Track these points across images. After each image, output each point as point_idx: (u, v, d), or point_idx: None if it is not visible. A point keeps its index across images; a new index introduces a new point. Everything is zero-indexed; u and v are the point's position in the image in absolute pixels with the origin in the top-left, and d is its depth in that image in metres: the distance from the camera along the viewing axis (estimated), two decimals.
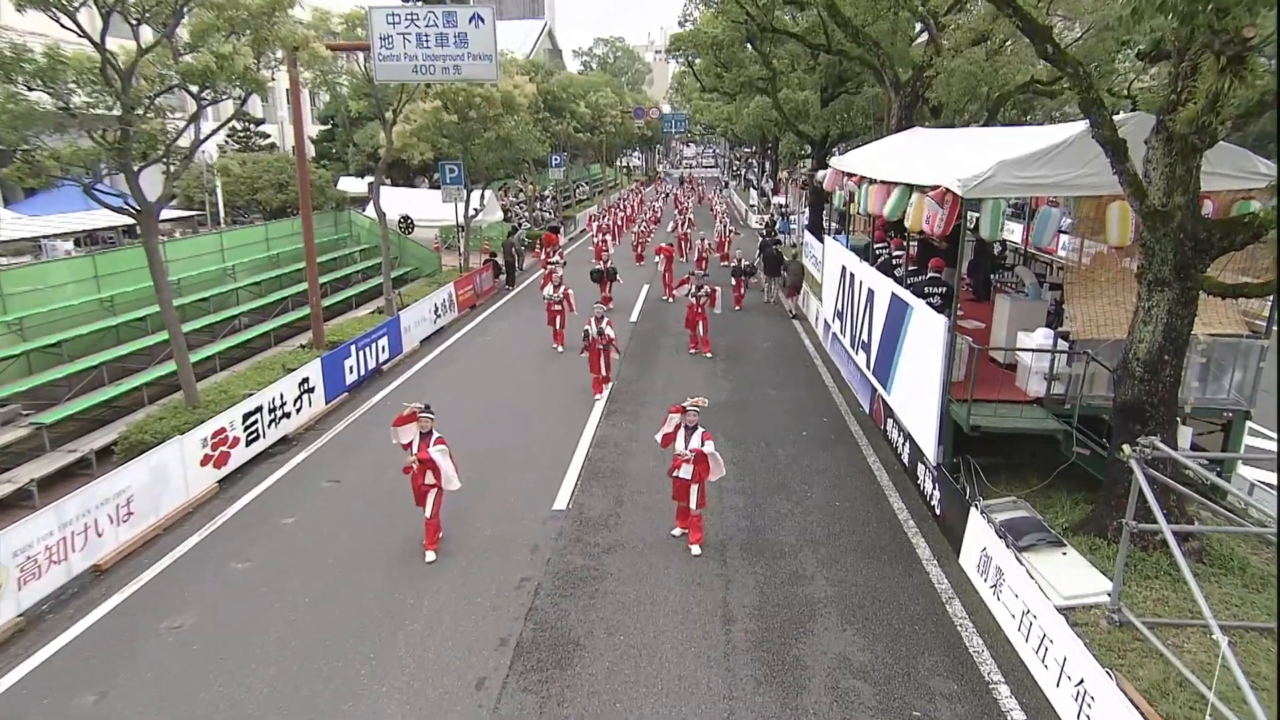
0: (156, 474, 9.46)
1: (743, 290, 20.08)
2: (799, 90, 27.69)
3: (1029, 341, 9.72)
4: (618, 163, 73.33)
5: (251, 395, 11.60)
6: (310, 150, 41.64)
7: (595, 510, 9.79)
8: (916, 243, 13.73)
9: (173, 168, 10.30)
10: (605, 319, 13.17)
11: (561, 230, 35.60)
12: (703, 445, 8.63)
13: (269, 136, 37.21)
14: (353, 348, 14.91)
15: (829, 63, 24.12)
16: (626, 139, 64.98)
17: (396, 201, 26.97)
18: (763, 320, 20.21)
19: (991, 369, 10.34)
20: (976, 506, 8.37)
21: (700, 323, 16.66)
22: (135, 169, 9.84)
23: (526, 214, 34.72)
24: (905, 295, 10.74)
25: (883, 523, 9.53)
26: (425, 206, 26.75)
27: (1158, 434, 6.81)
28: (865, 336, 12.74)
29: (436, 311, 19.43)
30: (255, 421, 11.51)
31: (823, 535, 9.25)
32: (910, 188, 10.54)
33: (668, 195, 51.74)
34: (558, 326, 17.27)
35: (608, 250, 27.18)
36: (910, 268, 12.22)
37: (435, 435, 8.79)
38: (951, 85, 14.41)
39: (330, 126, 39.31)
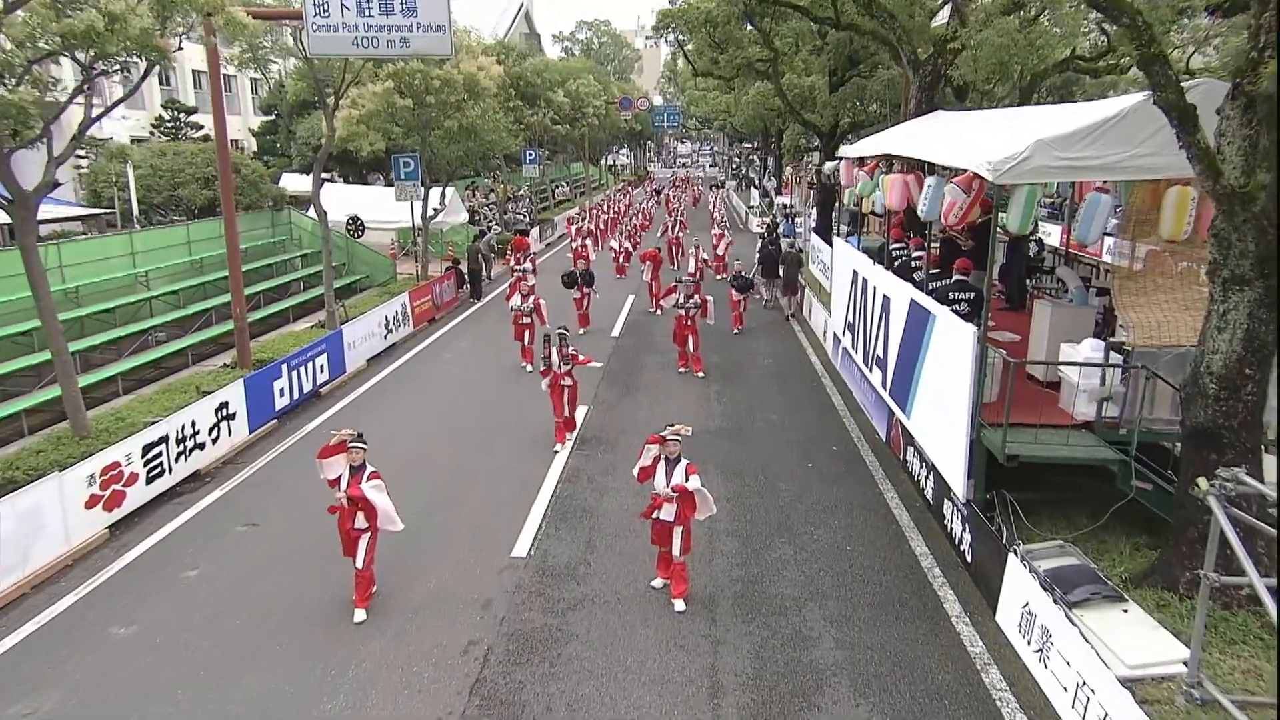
0: (27, 519, 8.81)
1: (743, 309, 19.69)
2: (804, 75, 27.51)
3: (1074, 354, 9.33)
4: (603, 161, 73.35)
5: (156, 423, 11.03)
6: (251, 144, 41.51)
7: (561, 557, 9.40)
8: (940, 242, 13.46)
9: (56, 151, 9.71)
10: (567, 342, 12.40)
11: (536, 234, 35.32)
12: (686, 480, 8.11)
13: (202, 127, 36.76)
14: (284, 367, 14.49)
15: (838, 41, 23.96)
16: (612, 134, 65.08)
17: (344, 200, 26.57)
18: (763, 333, 20.04)
19: (1030, 388, 10.02)
20: (1015, 552, 7.90)
21: (690, 337, 16.36)
22: (3, 150, 9.25)
23: (497, 216, 34.27)
24: (926, 302, 10.46)
25: (903, 571, 9.15)
26: (379, 206, 26.35)
27: (1239, 464, 6.27)
28: (880, 351, 12.48)
29: (387, 326, 19.09)
30: (159, 455, 10.95)
31: (831, 587, 8.84)
32: (926, 169, 10.07)
33: (658, 195, 51.42)
34: (526, 342, 16.99)
35: (588, 256, 26.85)
36: (932, 270, 11.79)
37: (369, 469, 8.28)
38: (979, 61, 14.08)
39: (274, 117, 39.00)
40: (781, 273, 22.39)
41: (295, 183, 31.29)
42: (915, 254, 12.89)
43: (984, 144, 9.31)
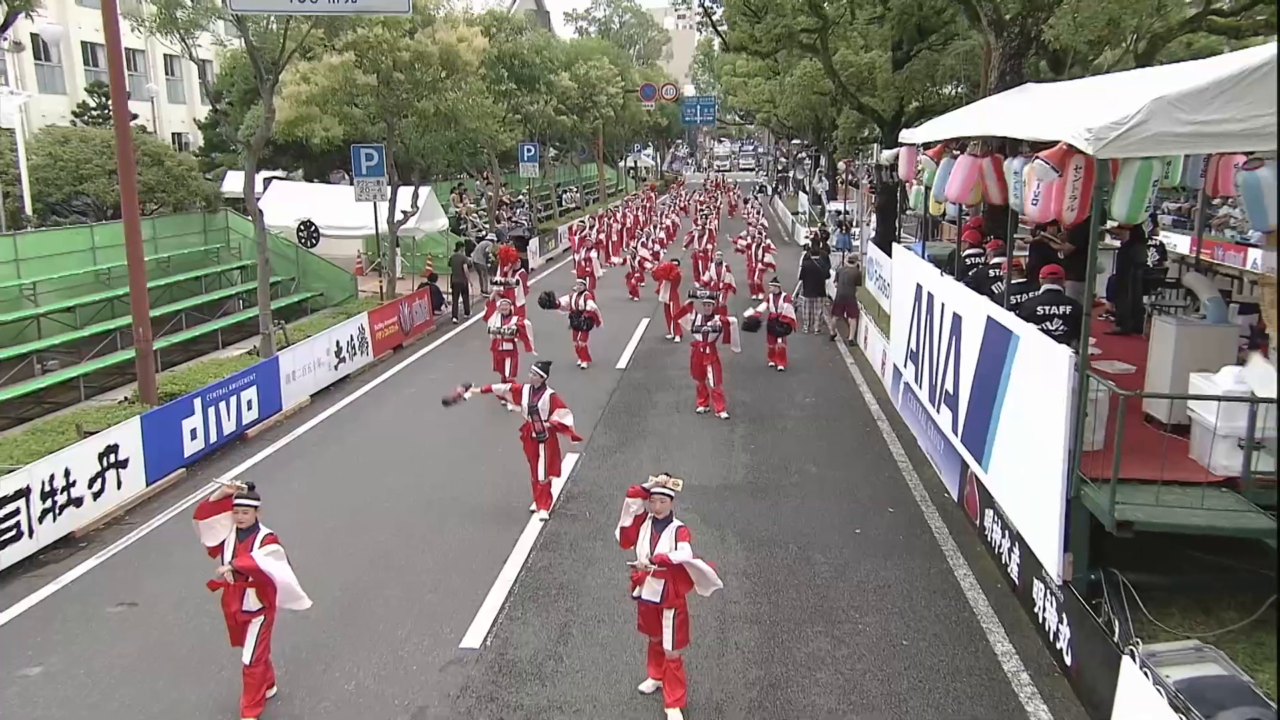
0: None
1: (781, 344, 19.29)
2: (862, 50, 27.14)
3: (1210, 388, 8.58)
4: (622, 162, 73.55)
5: (14, 471, 10.50)
6: (197, 138, 41.81)
7: (525, 648, 8.85)
8: (1030, 247, 13.12)
9: None
10: (546, 387, 11.67)
11: (535, 246, 34.97)
12: (674, 549, 7.37)
13: (136, 116, 36.93)
14: (197, 402, 14.13)
15: (903, 6, 23.57)
16: (633, 129, 65.17)
17: (295, 201, 26.42)
18: (805, 365, 19.77)
19: (1149, 433, 9.42)
20: (1133, 654, 7.17)
21: (710, 368, 15.98)
22: None
23: (487, 224, 34.03)
24: (1007, 319, 9.91)
25: (979, 676, 8.49)
26: (339, 210, 26.30)
27: None
28: (950, 386, 11.98)
29: (338, 353, 18.88)
30: (14, 513, 10.48)
31: (881, 696, 8.16)
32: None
33: (685, 210, 51.18)
34: (506, 373, 16.57)
35: (593, 272, 26.60)
36: (1017, 280, 11.32)
37: (263, 531, 7.68)
38: (1080, 20, 13.49)
39: (225, 105, 39.32)
40: (835, 290, 22.04)
41: (239, 183, 31.28)
42: (994, 260, 12.46)
43: (1083, 110, 8.62)
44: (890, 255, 19.15)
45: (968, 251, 13.44)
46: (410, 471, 13.57)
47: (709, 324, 15.79)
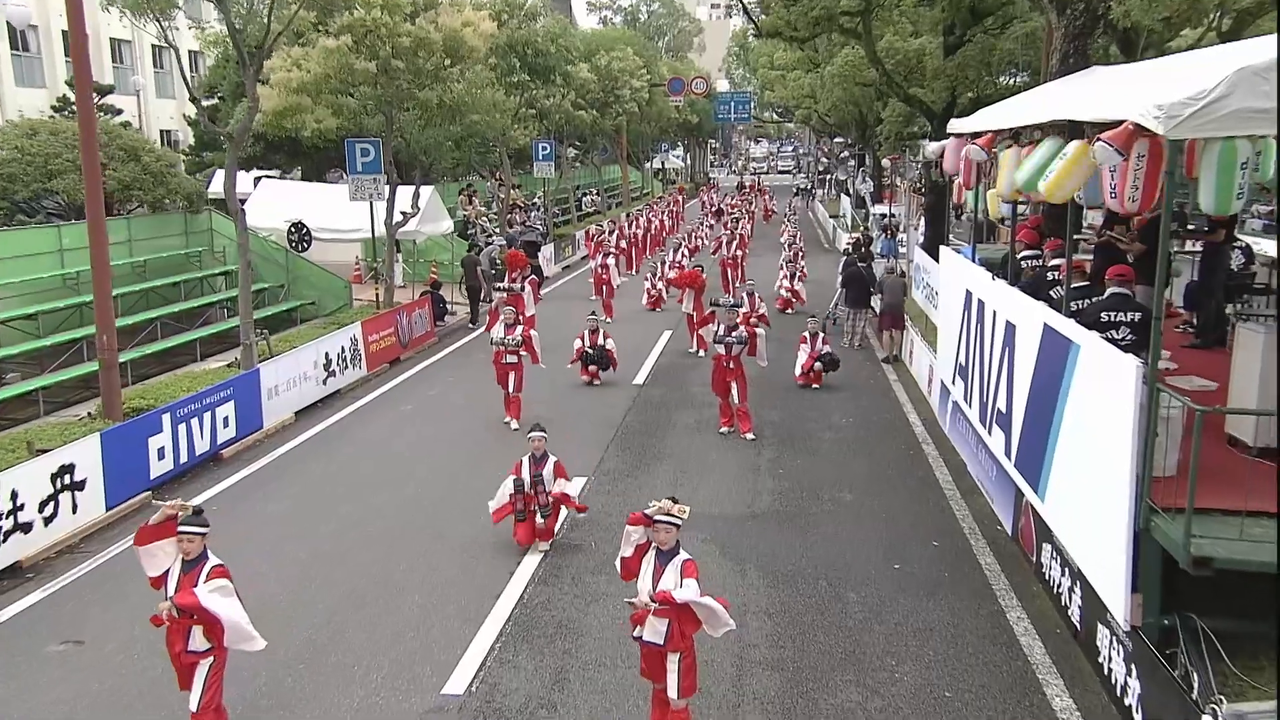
0: None
1: (816, 364, 19.13)
2: (910, 35, 26.95)
3: None
4: (648, 163, 73.70)
5: None
6: (187, 136, 42.17)
7: (516, 695, 8.64)
8: (1095, 248, 12.89)
9: None
10: (548, 454, 11.47)
11: (550, 252, 34.86)
12: (679, 586, 7.07)
13: (121, 111, 37.40)
14: (165, 419, 14.00)
15: None
16: (661, 127, 65.21)
17: (286, 201, 26.39)
18: (844, 382, 19.53)
19: (1232, 457, 9.18)
20: (1215, 714, 6.90)
21: (734, 384, 15.75)
22: None
23: (496, 229, 34.03)
24: (1066, 326, 9.70)
25: None
26: (334, 211, 26.36)
27: None
28: (1002, 404, 11.83)
29: (327, 367, 18.79)
30: None
31: None
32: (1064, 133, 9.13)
33: (718, 217, 51.21)
34: (510, 389, 16.48)
35: (610, 281, 26.50)
36: (1079, 285, 11.04)
37: (211, 561, 7.42)
38: None
39: (218, 99, 39.71)
40: (880, 300, 21.89)
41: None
42: (1053, 262, 12.23)
43: (1154, 88, 8.32)
44: (937, 258, 19.02)
45: (1023, 253, 13.21)
46: (400, 495, 13.47)
47: (733, 334, 15.52)
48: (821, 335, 19.24)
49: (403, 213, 23.74)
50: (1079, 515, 9.27)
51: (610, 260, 27.33)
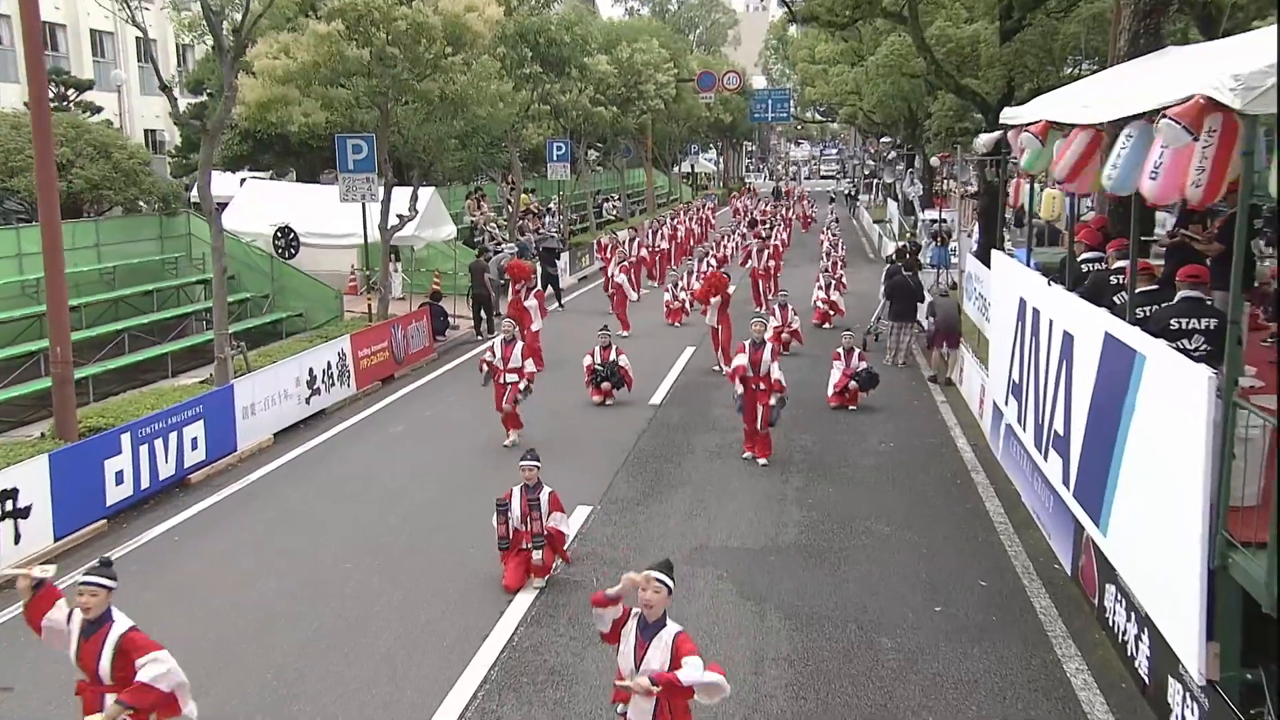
0: None
1: (850, 383, 19.03)
2: (962, 21, 26.80)
3: None
4: (677, 167, 73.76)
5: None
6: (174, 135, 42.43)
7: None
8: (1166, 251, 12.87)
9: None
10: (542, 482, 11.41)
11: (565, 263, 34.75)
12: (676, 665, 6.73)
13: (101, 109, 37.70)
14: (125, 439, 13.91)
15: None
16: (690, 126, 65.21)
17: (273, 203, 26.40)
18: (885, 404, 19.43)
19: None
20: None
21: (762, 407, 15.57)
22: None
23: (505, 235, 34.00)
24: (1130, 335, 9.57)
25: None
26: (328, 215, 26.35)
27: None
28: (1060, 424, 11.76)
29: (311, 384, 18.73)
30: None
31: None
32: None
33: (753, 228, 51.05)
34: (507, 405, 16.52)
35: (624, 294, 26.51)
36: (1146, 289, 10.81)
37: (119, 629, 7.04)
38: None
39: (206, 96, 40.09)
40: (931, 316, 21.69)
41: (214, 186, 31.52)
42: (1117, 264, 12.15)
43: (1228, 61, 8.07)
44: (988, 264, 19.08)
45: (1084, 255, 13.18)
46: (383, 525, 13.38)
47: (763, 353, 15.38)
48: (858, 351, 19.09)
49: (399, 216, 23.66)
50: (1145, 551, 9.13)
51: (628, 276, 27.32)
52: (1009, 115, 15.31)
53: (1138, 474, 9.26)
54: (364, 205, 22.92)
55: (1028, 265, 14.54)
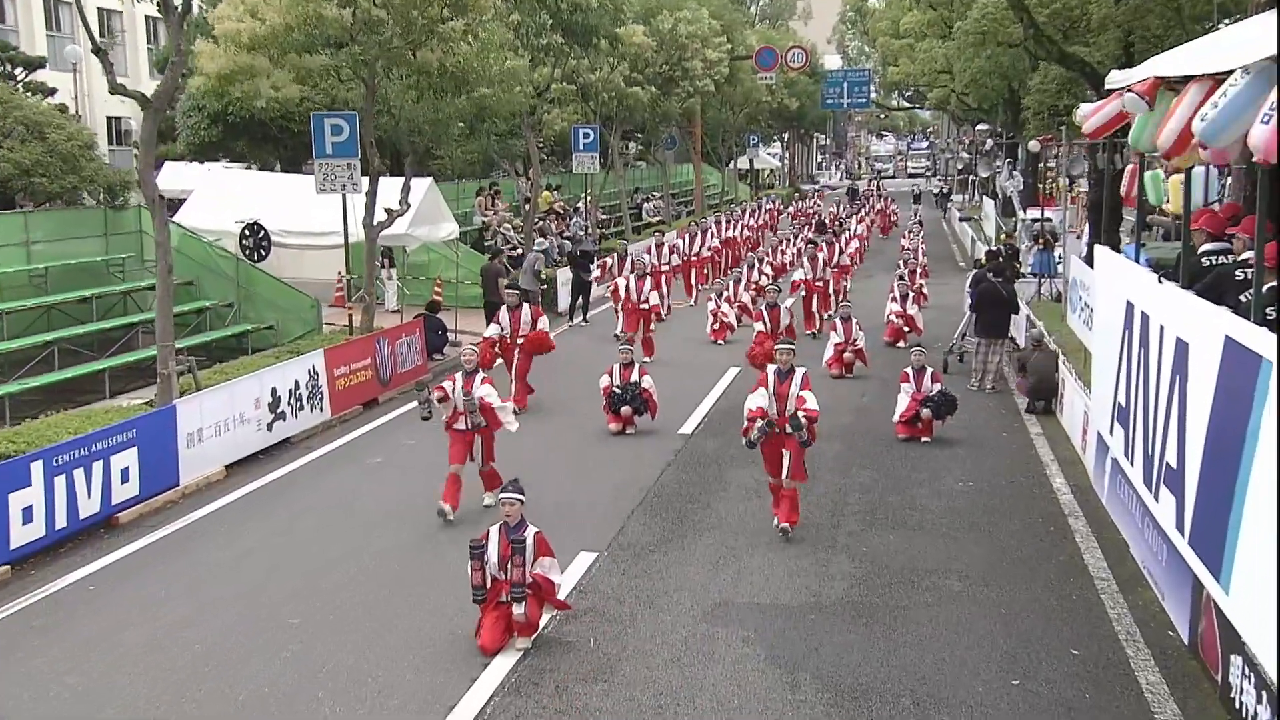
0: None
1: (922, 410, 18.83)
2: None
3: None
4: (731, 164, 73.57)
5: None
6: (138, 122, 42.94)
7: None
8: None
9: None
10: (526, 521, 11.25)
11: (600, 266, 34.63)
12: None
13: (55, 90, 38.12)
14: (36, 469, 13.84)
15: None
16: (748, 114, 64.97)
17: (241, 195, 26.49)
18: (961, 432, 19.34)
19: None
20: None
21: (788, 454, 14.77)
22: None
23: (519, 237, 33.97)
24: (1256, 338, 9.38)
25: None
26: (307, 210, 26.45)
27: None
28: (1173, 456, 11.70)
29: (274, 406, 18.72)
30: None
31: None
32: None
33: (817, 240, 50.20)
34: (478, 459, 15.74)
35: (646, 316, 26.09)
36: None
37: None
38: None
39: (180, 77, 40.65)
40: (1022, 371, 21.38)
41: (177, 178, 32.02)
42: (1245, 255, 11.93)
43: None
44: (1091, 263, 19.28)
45: (1205, 247, 13.05)
46: (341, 573, 13.29)
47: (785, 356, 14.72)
48: (930, 370, 18.83)
49: (387, 210, 23.53)
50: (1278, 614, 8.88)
51: (656, 294, 27.00)
52: (1117, 78, 15.29)
53: (1265, 515, 9.02)
54: (344, 198, 22.92)
55: (1137, 261, 14.47)
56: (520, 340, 19.58)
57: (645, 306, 25.79)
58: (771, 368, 14.70)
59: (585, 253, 32.63)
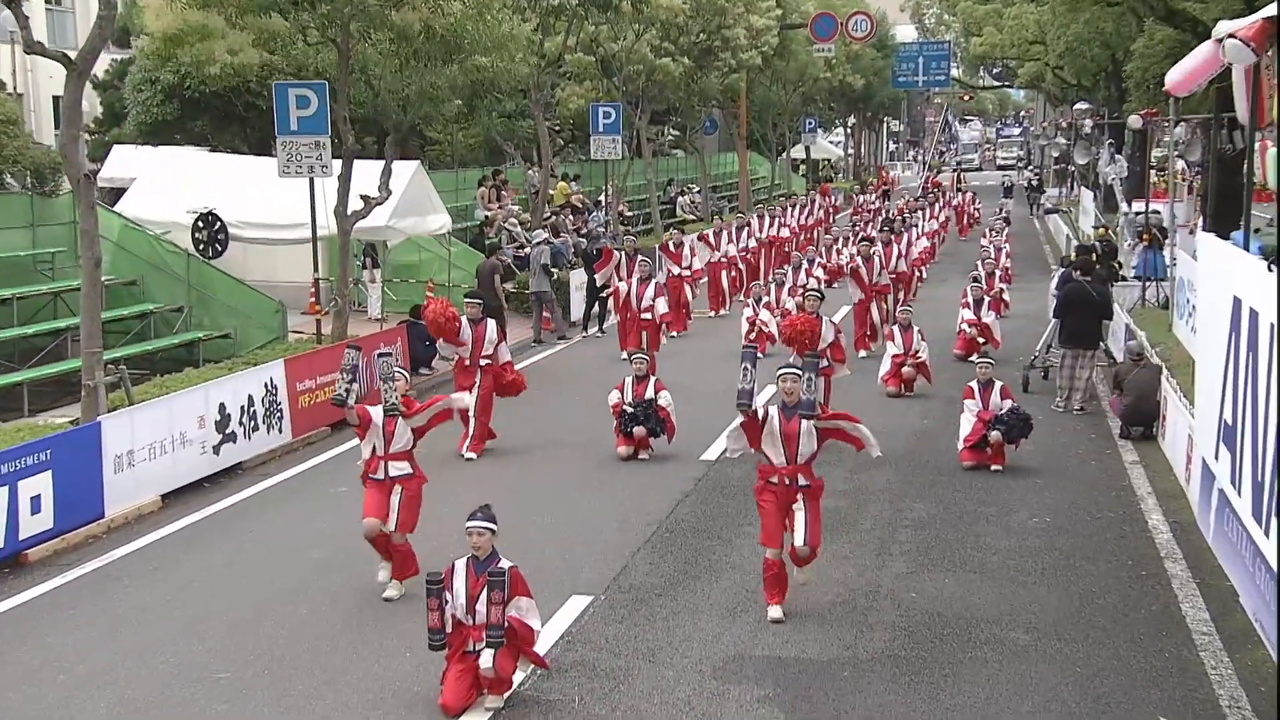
0: None
1: (990, 432, 18.76)
2: None
3: None
4: (784, 153, 73.35)
5: None
6: (95, 106, 43.23)
7: None
8: None
9: None
10: (498, 554, 10.97)
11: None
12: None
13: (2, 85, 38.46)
14: None
15: None
16: (804, 94, 64.64)
17: (197, 180, 26.46)
18: (1040, 459, 19.18)
19: None
20: None
21: (806, 502, 14.29)
22: None
23: (526, 234, 33.91)
24: None
25: None
26: (272, 196, 26.59)
27: None
28: None
29: (223, 426, 18.75)
30: None
31: None
32: None
33: (887, 215, 50.04)
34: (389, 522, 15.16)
35: (652, 327, 26.10)
36: None
37: None
38: None
39: (127, 57, 41.23)
40: (1118, 389, 21.22)
41: (126, 165, 32.15)
42: None
43: None
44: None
45: None
46: (287, 619, 13.21)
47: (807, 397, 13.71)
48: (999, 384, 18.64)
49: (363, 198, 23.45)
50: None
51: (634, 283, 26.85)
52: (1224, 28, 15.04)
53: None
54: (312, 182, 22.96)
55: (1246, 250, 14.21)
56: (484, 364, 18.82)
57: (647, 317, 25.74)
58: (773, 407, 13.95)
59: (602, 252, 32.48)
